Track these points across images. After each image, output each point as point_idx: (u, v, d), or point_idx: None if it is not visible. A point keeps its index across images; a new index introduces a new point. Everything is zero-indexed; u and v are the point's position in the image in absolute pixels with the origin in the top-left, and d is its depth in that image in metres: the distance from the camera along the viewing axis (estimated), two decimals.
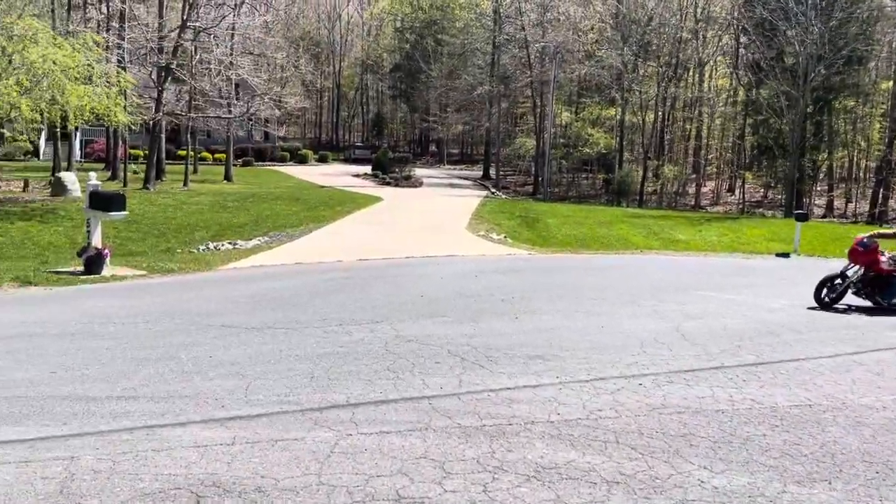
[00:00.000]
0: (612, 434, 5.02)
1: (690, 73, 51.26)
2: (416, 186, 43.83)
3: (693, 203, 47.05)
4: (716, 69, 54.27)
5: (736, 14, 46.49)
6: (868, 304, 10.74)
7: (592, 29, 50.17)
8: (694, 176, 50.46)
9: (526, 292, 11.26)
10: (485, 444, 4.76)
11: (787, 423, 5.41)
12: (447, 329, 8.30)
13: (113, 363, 6.52)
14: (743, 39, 47.10)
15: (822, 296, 10.73)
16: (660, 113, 48.02)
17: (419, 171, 51.43)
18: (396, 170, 47.07)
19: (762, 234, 25.61)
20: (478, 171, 62.23)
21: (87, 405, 5.32)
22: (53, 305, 9.43)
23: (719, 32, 49.88)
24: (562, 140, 50.57)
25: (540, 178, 48.56)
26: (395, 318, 8.98)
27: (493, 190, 47.73)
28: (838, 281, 10.79)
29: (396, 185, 43.13)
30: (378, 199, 32.99)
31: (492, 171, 57.29)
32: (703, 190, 49.95)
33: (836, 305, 10.70)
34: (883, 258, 10.70)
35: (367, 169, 52.44)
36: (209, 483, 4.04)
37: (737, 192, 50.00)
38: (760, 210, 44.47)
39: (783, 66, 41.32)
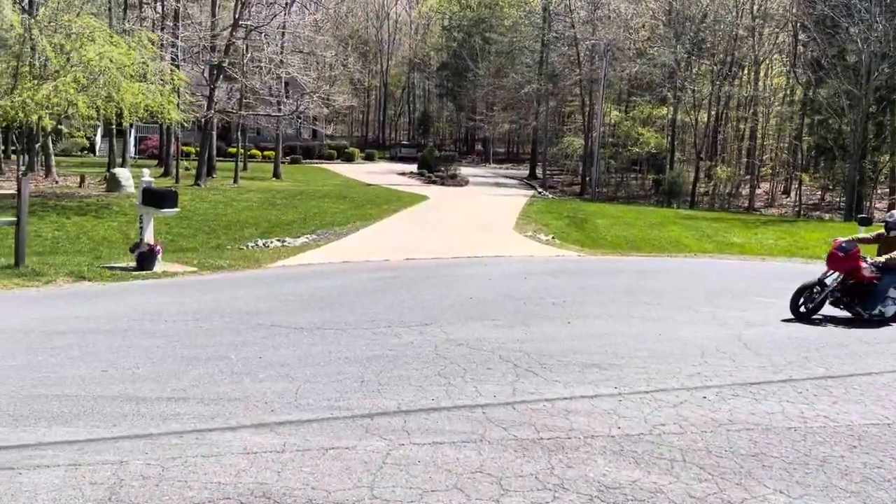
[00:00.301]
0: (677, 452, 4.74)
1: (745, 72, 49.90)
2: (461, 185, 43.66)
3: (747, 205, 45.82)
4: (771, 67, 52.73)
5: (795, 10, 45.07)
6: (846, 314, 9.79)
7: (644, 26, 49.21)
8: (748, 177, 49.10)
9: (577, 295, 10.97)
10: (543, 458, 4.54)
11: (865, 443, 5.06)
12: (498, 333, 8.08)
13: (163, 362, 6.48)
14: (802, 37, 45.62)
15: (799, 305, 9.74)
16: (713, 112, 46.88)
17: (465, 170, 51.25)
18: (442, 168, 46.98)
19: (822, 238, 24.68)
20: (524, 171, 61.78)
21: (138, 406, 5.26)
22: (106, 301, 9.51)
23: (776, 30, 48.43)
24: (610, 139, 49.80)
25: (588, 178, 47.91)
26: (444, 320, 8.80)
27: (540, 189, 47.26)
28: (817, 289, 9.74)
29: (442, 184, 43.03)
30: (424, 197, 32.91)
31: (538, 171, 56.78)
32: (758, 192, 48.57)
33: (814, 317, 9.74)
34: (864, 264, 9.72)
35: (413, 167, 52.52)
36: (259, 493, 3.91)
37: (792, 194, 48.49)
38: (817, 213, 43.04)
39: (845, 64, 39.88)
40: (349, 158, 63.12)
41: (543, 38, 52.53)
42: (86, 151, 53.70)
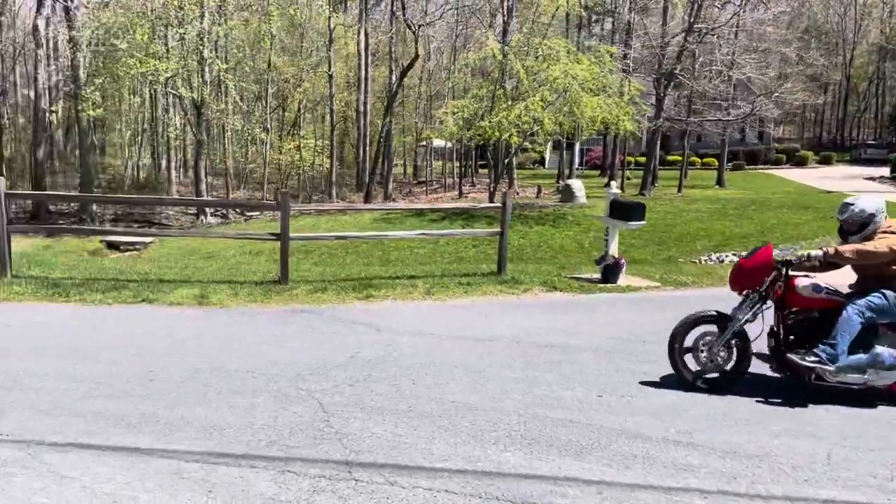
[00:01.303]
0: None
1: None
2: None
3: None
4: None
5: None
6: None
7: None
8: None
9: None
10: None
11: None
12: None
13: (657, 395, 5.99)
14: None
15: (682, 359, 5.95)
16: None
17: None
18: None
19: None
20: None
21: (644, 447, 4.80)
22: (580, 314, 9.57)
23: None
24: None
25: None
26: None
27: None
28: (714, 332, 5.96)
29: None
30: None
31: None
32: None
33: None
34: (800, 281, 5.82)
35: (884, 171, 45.63)
36: None
37: None
38: None
39: None
40: (800, 163, 57.37)
41: None
42: (536, 164, 58.87)
